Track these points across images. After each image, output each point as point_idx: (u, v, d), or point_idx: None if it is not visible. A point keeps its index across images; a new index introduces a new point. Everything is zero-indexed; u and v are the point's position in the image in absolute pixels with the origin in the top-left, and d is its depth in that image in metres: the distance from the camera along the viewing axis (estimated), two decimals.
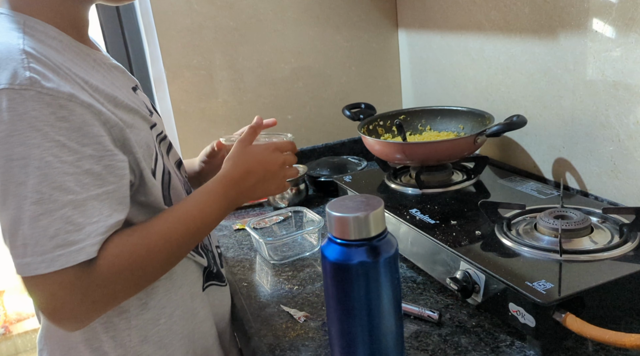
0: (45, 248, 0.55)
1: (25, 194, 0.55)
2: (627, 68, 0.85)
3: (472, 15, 1.21)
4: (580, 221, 0.79)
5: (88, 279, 0.57)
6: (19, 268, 0.56)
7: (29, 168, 0.55)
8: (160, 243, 0.64)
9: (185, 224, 0.67)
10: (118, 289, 0.61)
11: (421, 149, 1.06)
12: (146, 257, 0.62)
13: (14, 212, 0.55)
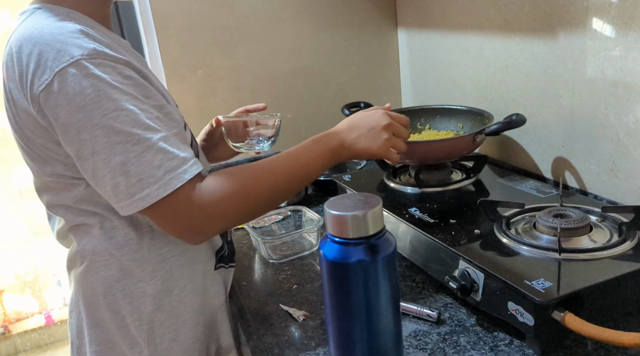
0: (157, 176, 0.65)
1: (125, 139, 0.64)
2: (627, 67, 0.85)
3: (471, 15, 1.21)
4: (579, 220, 0.78)
5: (201, 195, 0.67)
6: (140, 202, 0.65)
7: (121, 117, 0.64)
8: (267, 174, 0.73)
9: (290, 162, 0.76)
10: (229, 206, 0.69)
11: (420, 148, 1.06)
12: (253, 182, 0.72)
13: (122, 157, 0.64)
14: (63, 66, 0.63)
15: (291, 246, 1.06)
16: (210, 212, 0.68)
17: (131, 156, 0.64)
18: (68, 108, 0.63)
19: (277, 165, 0.75)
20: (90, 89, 0.63)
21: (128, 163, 0.64)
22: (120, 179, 0.64)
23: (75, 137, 0.64)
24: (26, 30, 0.67)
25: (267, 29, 1.43)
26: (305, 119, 1.54)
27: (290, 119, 1.52)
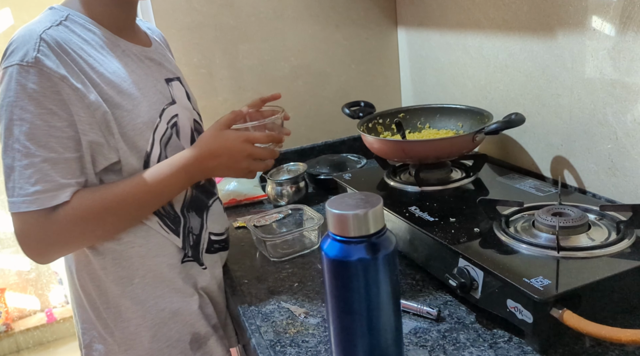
0: (27, 192, 0.71)
1: (18, 147, 0.70)
2: (625, 66, 0.86)
3: (470, 14, 1.21)
4: (578, 218, 0.79)
5: (47, 225, 0.72)
6: (8, 205, 0.72)
7: (23, 128, 0.70)
8: (116, 203, 0.77)
9: (143, 189, 0.79)
10: (74, 236, 0.76)
11: (420, 147, 1.06)
12: (102, 213, 0.76)
13: (10, 161, 0.71)
14: (7, 65, 0.71)
15: (292, 245, 1.07)
16: (52, 241, 0.75)
17: (17, 164, 0.71)
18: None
19: (129, 194, 0.78)
20: (12, 92, 0.70)
21: (12, 169, 0.71)
22: (5, 177, 0.72)
23: None
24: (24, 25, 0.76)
25: (268, 28, 1.43)
26: (305, 118, 1.55)
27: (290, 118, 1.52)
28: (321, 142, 1.56)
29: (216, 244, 0.96)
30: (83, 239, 0.79)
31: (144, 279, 0.84)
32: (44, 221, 0.72)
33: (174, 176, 0.81)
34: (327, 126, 1.57)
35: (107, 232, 0.80)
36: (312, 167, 1.40)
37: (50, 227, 0.73)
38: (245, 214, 1.30)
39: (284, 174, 1.33)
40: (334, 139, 1.57)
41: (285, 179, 1.29)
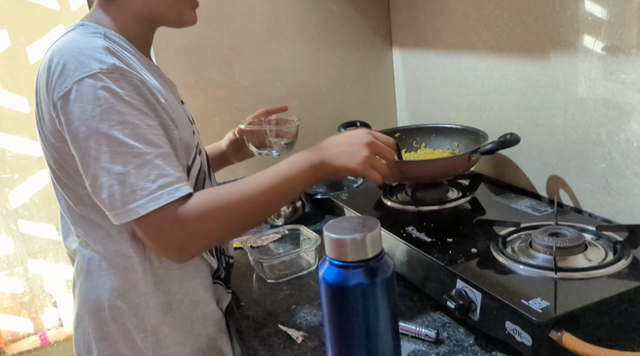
0: (151, 190, 0.68)
1: (126, 150, 0.68)
2: (617, 88, 0.87)
3: (464, 35, 1.23)
4: (575, 239, 0.79)
5: (186, 213, 0.69)
6: (130, 213, 0.68)
7: (125, 130, 0.68)
8: (248, 191, 0.74)
9: (272, 178, 0.77)
10: (211, 225, 0.71)
11: (417, 168, 1.07)
12: (235, 200, 0.73)
13: (120, 167, 0.68)
14: (82, 76, 0.68)
15: (289, 266, 1.06)
16: (193, 230, 0.70)
17: (130, 168, 0.68)
18: (80, 116, 0.68)
19: (259, 182, 0.76)
20: (103, 100, 0.68)
21: (126, 174, 0.68)
22: (116, 188, 0.68)
23: (83, 143, 0.69)
24: (61, 43, 0.73)
25: (264, 50, 1.45)
26: (302, 138, 1.54)
27: None
28: None
29: (230, 268, 0.97)
30: (220, 227, 0.73)
31: (182, 303, 0.82)
32: (177, 213, 0.69)
33: (298, 165, 0.78)
34: None
35: (242, 221, 0.76)
36: None
37: (185, 217, 0.69)
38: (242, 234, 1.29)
39: None
40: None
41: None
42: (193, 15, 0.86)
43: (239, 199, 0.74)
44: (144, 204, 0.67)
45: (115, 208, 0.69)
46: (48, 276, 2.35)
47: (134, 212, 0.68)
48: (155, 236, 0.70)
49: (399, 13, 1.50)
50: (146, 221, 0.69)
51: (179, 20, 0.85)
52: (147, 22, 0.84)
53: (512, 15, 1.07)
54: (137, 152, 0.68)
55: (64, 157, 0.75)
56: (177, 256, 0.73)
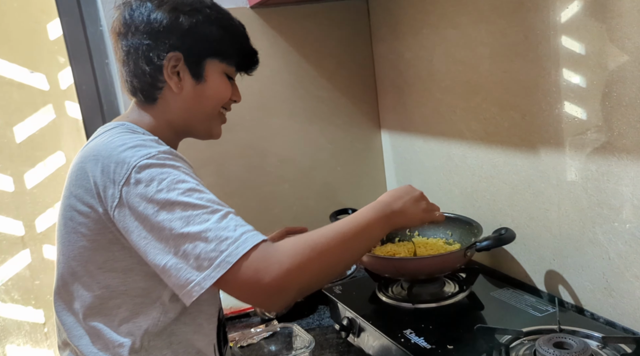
0: (235, 237, 0.66)
1: (200, 212, 0.67)
2: (609, 189, 0.87)
3: (453, 124, 1.25)
4: (581, 351, 0.76)
5: (277, 251, 0.68)
6: (222, 265, 0.65)
7: (194, 195, 0.68)
8: (332, 234, 0.74)
9: (352, 225, 0.77)
10: (303, 261, 0.69)
11: (413, 265, 1.05)
12: (321, 241, 0.72)
13: (198, 227, 0.66)
14: (143, 160, 0.70)
15: None
16: (288, 266, 0.67)
17: (209, 225, 0.67)
18: (146, 194, 0.68)
19: (341, 227, 0.77)
20: (166, 174, 0.69)
21: (206, 230, 0.66)
22: (200, 247, 0.66)
23: (154, 220, 0.67)
24: (106, 138, 0.75)
25: (254, 136, 1.46)
26: (292, 220, 1.53)
27: (277, 218, 1.51)
28: None
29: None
30: (312, 263, 0.70)
31: None
32: (268, 252, 0.67)
33: (375, 217, 0.80)
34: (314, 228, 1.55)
35: (330, 260, 0.74)
36: None
37: (278, 254, 0.67)
38: (231, 329, 1.23)
39: None
40: None
41: None
42: (220, 130, 0.92)
43: (325, 239, 0.73)
44: (232, 252, 0.65)
45: (202, 269, 0.65)
46: None
47: (225, 263, 0.65)
48: (253, 280, 0.66)
49: (387, 98, 1.52)
50: (239, 269, 0.65)
51: (207, 134, 0.90)
52: (179, 131, 0.88)
53: (499, 110, 1.08)
54: (211, 210, 0.68)
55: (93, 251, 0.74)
56: (275, 297, 0.68)
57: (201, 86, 0.84)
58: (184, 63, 0.81)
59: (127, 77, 0.83)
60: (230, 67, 0.87)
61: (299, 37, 1.47)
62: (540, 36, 0.94)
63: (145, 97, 0.83)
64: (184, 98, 0.83)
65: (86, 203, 0.73)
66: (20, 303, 1.91)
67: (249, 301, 0.72)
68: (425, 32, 1.27)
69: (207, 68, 0.83)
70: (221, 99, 0.87)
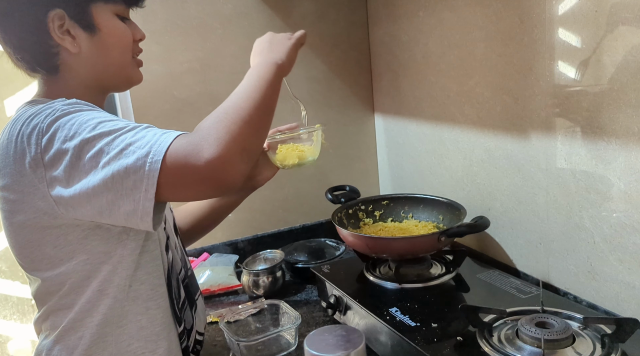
0: (153, 140, 0.64)
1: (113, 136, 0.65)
2: (598, 174, 0.87)
3: (446, 108, 1.25)
4: (562, 331, 0.77)
5: (195, 132, 0.66)
6: (151, 171, 0.62)
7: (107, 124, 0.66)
8: (235, 98, 0.72)
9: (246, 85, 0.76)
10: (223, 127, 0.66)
11: (383, 245, 1.06)
12: (229, 108, 0.70)
13: (117, 148, 0.64)
14: (52, 118, 0.66)
15: (268, 346, 1.02)
16: (214, 135, 0.64)
17: (127, 140, 0.64)
18: (64, 139, 0.65)
19: (238, 91, 0.75)
20: (75, 116, 0.67)
21: (126, 147, 0.64)
22: (126, 164, 0.63)
23: (75, 160, 0.65)
24: (16, 117, 0.71)
25: None
26: (284, 201, 1.53)
27: (269, 200, 1.51)
28: (299, 225, 1.54)
29: (198, 345, 0.91)
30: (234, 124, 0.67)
31: None
32: (186, 135, 0.65)
33: (267, 72, 0.79)
34: (305, 209, 1.55)
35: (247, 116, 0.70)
36: (289, 254, 1.36)
37: (194, 133, 0.65)
38: (219, 305, 1.24)
39: (260, 263, 1.29)
40: (312, 222, 1.55)
41: (262, 269, 1.25)
42: (139, 75, 0.85)
43: (232, 102, 0.71)
44: (155, 150, 0.63)
45: (138, 183, 0.63)
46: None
47: (154, 163, 0.62)
48: (189, 166, 0.63)
49: (382, 81, 1.52)
50: (170, 163, 0.63)
51: (128, 83, 0.84)
52: (97, 91, 0.81)
53: (492, 94, 1.08)
54: (126, 129, 0.66)
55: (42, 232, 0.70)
56: (223, 167, 0.65)
57: (98, 37, 0.76)
58: (69, 18, 0.74)
59: (17, 55, 0.75)
60: (118, 5, 0.79)
61: (296, 17, 1.45)
62: (535, 20, 0.94)
63: (45, 69, 0.76)
64: (86, 56, 0.76)
65: (15, 190, 0.69)
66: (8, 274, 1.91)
67: (199, 191, 0.68)
68: (421, 15, 1.27)
69: (96, 15, 0.76)
70: (124, 43, 0.79)
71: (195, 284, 0.95)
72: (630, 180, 0.82)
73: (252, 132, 0.70)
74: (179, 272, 0.87)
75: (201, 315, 0.93)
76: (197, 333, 0.91)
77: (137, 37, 0.82)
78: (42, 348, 0.76)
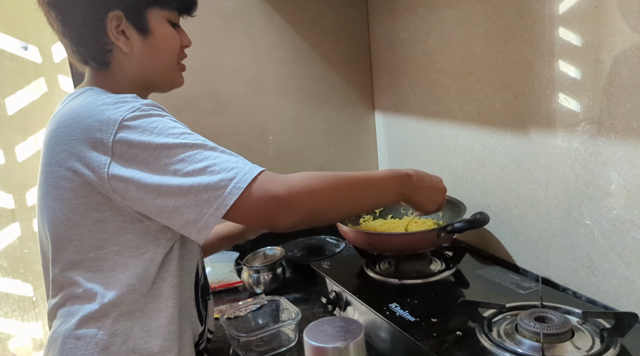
0: (241, 166, 0.68)
1: (198, 151, 0.69)
2: (597, 169, 0.88)
3: (446, 105, 1.25)
4: (561, 325, 0.77)
5: (286, 176, 0.70)
6: (232, 193, 0.66)
7: (189, 137, 0.70)
8: (344, 175, 0.76)
9: (366, 174, 0.80)
10: (311, 187, 0.70)
11: (382, 241, 1.06)
12: (333, 177, 0.74)
13: (203, 163, 0.67)
14: (127, 114, 0.69)
15: (268, 342, 1.02)
16: (297, 187, 0.69)
17: (212, 159, 0.68)
18: (143, 142, 0.68)
19: (357, 173, 0.79)
20: (156, 121, 0.70)
21: (212, 165, 0.68)
22: (208, 179, 0.67)
23: (156, 165, 0.68)
24: (81, 101, 0.74)
25: (247, 113, 1.45)
26: None
27: None
28: None
29: (208, 343, 0.93)
30: (320, 192, 0.72)
31: None
32: (275, 174, 0.70)
33: (388, 177, 0.83)
34: None
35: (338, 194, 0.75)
36: (289, 251, 1.37)
37: (284, 176, 0.70)
38: (219, 302, 1.24)
39: (260, 260, 1.29)
40: None
41: (262, 266, 1.25)
42: (182, 79, 0.89)
43: (337, 177, 0.75)
44: (241, 177, 0.67)
45: (213, 199, 0.66)
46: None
47: (236, 189, 0.66)
48: (264, 199, 0.67)
49: (382, 79, 1.52)
50: (250, 192, 0.67)
51: (170, 86, 0.88)
52: (142, 89, 0.85)
53: (492, 90, 1.09)
54: (210, 147, 0.70)
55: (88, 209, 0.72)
56: (287, 210, 0.69)
57: (150, 40, 0.81)
58: (126, 20, 0.79)
59: (73, 47, 0.80)
60: (172, 12, 0.84)
61: (296, 14, 1.46)
62: (535, 16, 0.94)
63: (97, 63, 0.81)
64: (137, 56, 0.81)
65: (70, 168, 0.71)
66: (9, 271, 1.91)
67: (259, 220, 0.71)
68: (421, 12, 1.27)
69: (150, 19, 0.81)
70: (173, 48, 0.84)
71: (208, 285, 0.96)
72: (629, 175, 0.82)
73: (327, 205, 0.75)
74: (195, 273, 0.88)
75: (211, 314, 0.94)
76: (209, 331, 0.92)
77: (185, 44, 0.87)
78: (58, 335, 0.76)
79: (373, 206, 0.85)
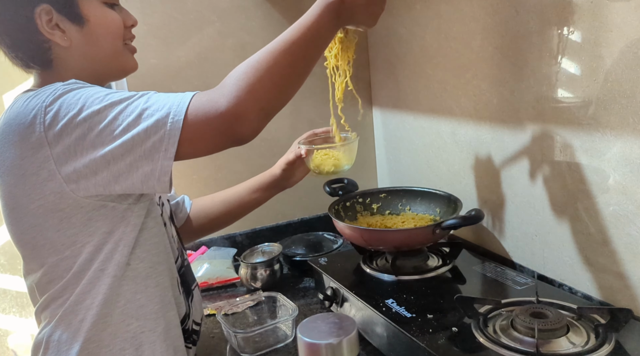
0: (171, 102, 0.66)
1: (126, 103, 0.67)
2: (593, 165, 0.88)
3: (443, 101, 1.25)
4: (556, 321, 0.78)
5: (218, 87, 0.67)
6: (173, 130, 0.64)
7: (115, 94, 0.68)
8: (275, 47, 0.70)
9: (293, 31, 0.72)
10: (252, 84, 0.66)
11: (378, 237, 1.07)
12: (264, 60, 0.68)
13: (134, 114, 0.65)
14: (50, 99, 0.67)
15: (265, 338, 1.02)
16: (235, 94, 0.65)
17: (142, 106, 0.66)
18: (69, 115, 0.66)
19: (286, 33, 0.72)
20: (79, 93, 0.68)
21: (143, 112, 0.65)
22: (145, 127, 0.65)
23: (86, 130, 0.66)
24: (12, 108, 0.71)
25: None
26: (281, 194, 1.52)
27: None
28: (297, 219, 1.54)
29: (194, 334, 0.92)
30: (260, 81, 0.67)
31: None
32: (207, 91, 0.67)
33: (321, 17, 0.73)
34: (303, 202, 1.55)
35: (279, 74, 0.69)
36: (287, 247, 1.37)
37: (216, 88, 0.67)
38: (217, 298, 1.25)
39: (258, 256, 1.29)
40: (310, 216, 1.56)
41: (260, 262, 1.25)
42: (134, 62, 0.84)
43: (270, 53, 0.69)
44: (176, 111, 0.65)
45: (158, 144, 0.65)
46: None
47: (176, 123, 0.64)
48: (208, 122, 0.65)
49: (379, 74, 1.52)
50: (190, 122, 0.65)
51: (122, 72, 0.84)
52: (92, 81, 0.78)
53: (489, 86, 1.08)
54: (138, 96, 0.67)
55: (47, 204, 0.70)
56: (238, 122, 0.66)
57: (87, 28, 0.76)
58: (56, 12, 0.73)
59: (12, 54, 0.76)
60: None
61: (294, 10, 1.45)
62: (532, 11, 0.94)
63: (39, 64, 0.76)
64: (78, 48, 0.76)
65: (17, 174, 0.69)
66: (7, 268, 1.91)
67: (217, 143, 0.68)
68: (418, 8, 1.27)
69: (82, 6, 0.75)
70: (114, 31, 0.78)
71: (192, 275, 0.95)
72: (625, 171, 0.82)
73: (275, 91, 0.70)
74: (175, 260, 0.87)
75: (197, 305, 0.94)
76: (194, 323, 0.91)
77: (129, 24, 0.81)
78: (42, 336, 0.76)
79: (321, 53, 0.78)
